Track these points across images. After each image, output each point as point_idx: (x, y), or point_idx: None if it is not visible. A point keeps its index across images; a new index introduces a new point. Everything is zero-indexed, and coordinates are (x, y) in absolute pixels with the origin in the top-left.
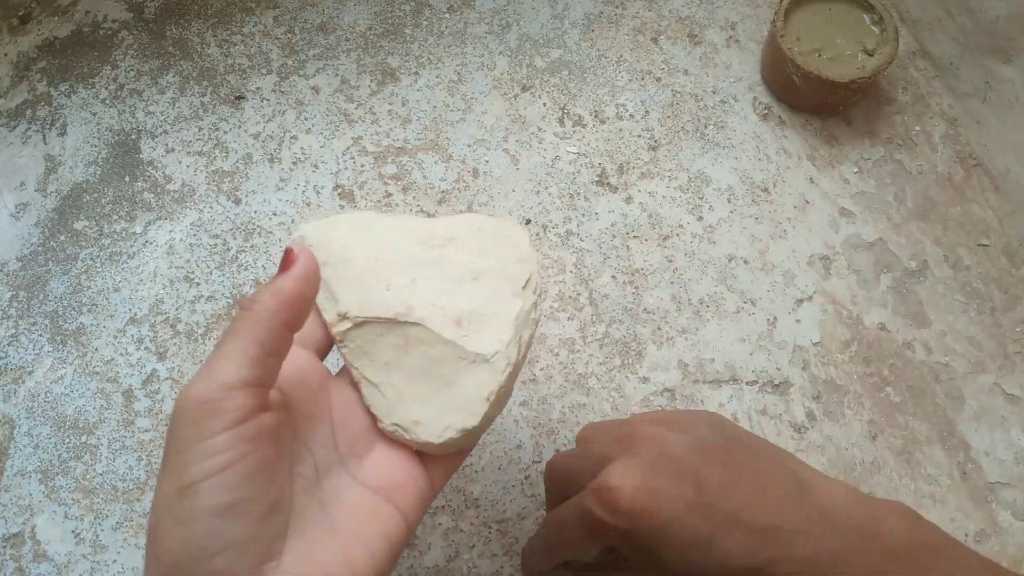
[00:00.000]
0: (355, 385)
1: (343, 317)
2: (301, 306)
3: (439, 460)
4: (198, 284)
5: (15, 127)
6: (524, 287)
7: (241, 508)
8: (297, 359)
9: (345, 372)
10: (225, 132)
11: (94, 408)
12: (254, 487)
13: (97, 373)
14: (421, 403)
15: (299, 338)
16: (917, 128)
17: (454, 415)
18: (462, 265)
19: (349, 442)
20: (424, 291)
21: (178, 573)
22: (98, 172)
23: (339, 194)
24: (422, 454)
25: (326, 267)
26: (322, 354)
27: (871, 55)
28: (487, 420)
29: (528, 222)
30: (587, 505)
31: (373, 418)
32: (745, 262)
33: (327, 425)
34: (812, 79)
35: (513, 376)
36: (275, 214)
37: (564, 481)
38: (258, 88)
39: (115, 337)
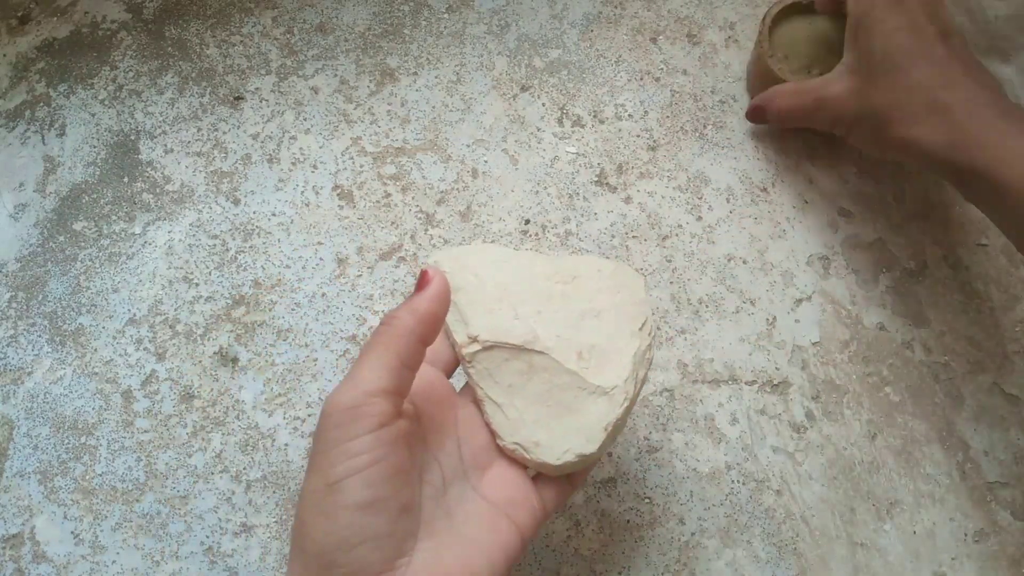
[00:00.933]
0: (478, 403)
1: (473, 340)
2: (434, 323)
3: (552, 485)
4: (197, 285)
5: (14, 128)
6: (640, 328)
7: (380, 505)
8: (427, 375)
9: (468, 390)
10: (224, 133)
11: (93, 409)
12: (391, 487)
13: (96, 374)
14: (542, 426)
15: (428, 356)
16: None
17: (573, 440)
18: (584, 302)
19: (472, 456)
20: (549, 323)
21: (322, 562)
22: (97, 173)
23: (338, 194)
24: (537, 476)
25: (458, 292)
26: (448, 373)
27: None
28: (603, 449)
29: (527, 222)
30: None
31: (493, 436)
32: (744, 262)
33: (454, 438)
34: None
35: (628, 410)
36: (274, 214)
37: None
38: (257, 88)
39: (114, 338)
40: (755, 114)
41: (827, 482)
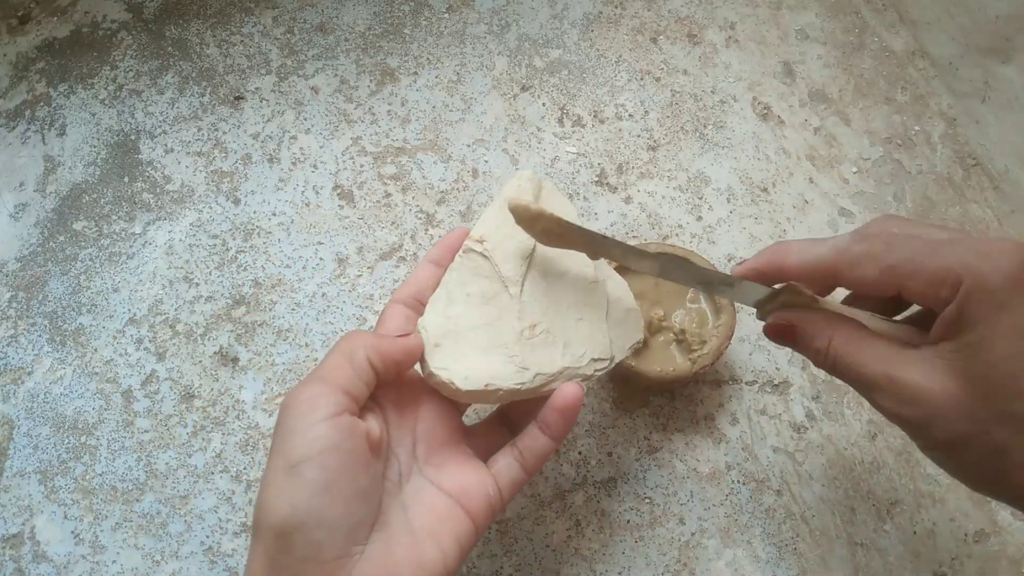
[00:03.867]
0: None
1: (479, 240)
2: (392, 368)
3: (504, 477)
4: (197, 284)
5: (14, 127)
6: (600, 357)
7: (336, 489)
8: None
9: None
10: (224, 132)
11: (93, 408)
12: (348, 473)
13: (96, 373)
14: (464, 346)
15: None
16: (916, 128)
17: (471, 373)
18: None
19: (429, 451)
20: (545, 294)
21: (280, 544)
22: (97, 172)
23: (338, 194)
24: (493, 462)
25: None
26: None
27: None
28: (470, 397)
29: None
30: (954, 251)
31: (455, 410)
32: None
33: (410, 434)
34: (644, 377)
35: (534, 391)
36: (274, 214)
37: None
38: (257, 88)
39: (114, 337)
40: (779, 334)
41: (827, 482)
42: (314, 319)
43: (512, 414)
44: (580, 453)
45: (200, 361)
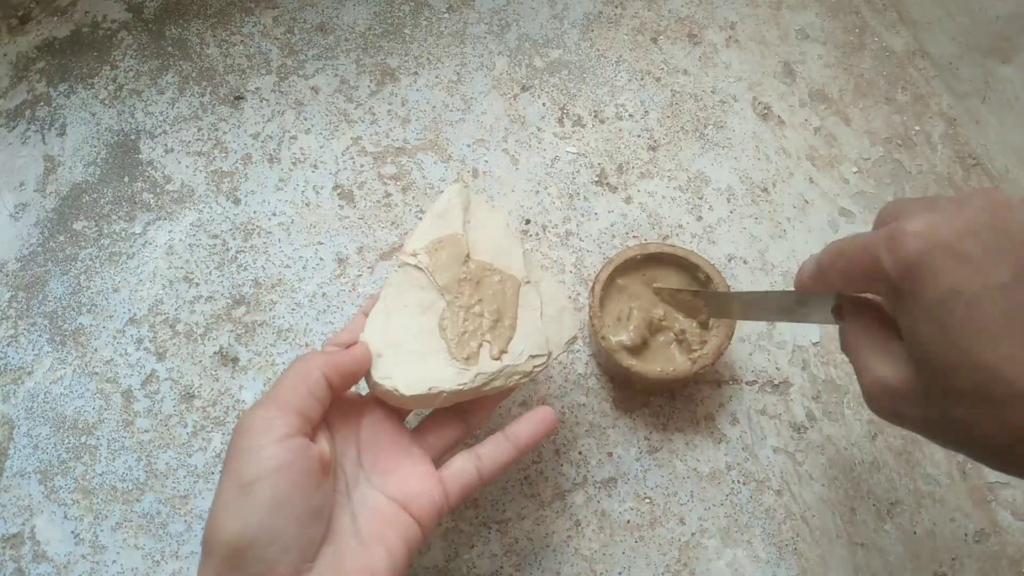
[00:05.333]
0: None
1: (413, 254)
2: (347, 379)
3: (456, 480)
4: (197, 284)
5: (14, 127)
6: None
7: (288, 508)
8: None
9: (373, 397)
10: (224, 132)
11: (93, 408)
12: (300, 492)
13: (96, 373)
14: (405, 353)
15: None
16: (916, 128)
17: (406, 378)
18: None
19: (374, 459)
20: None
21: (232, 563)
22: (97, 172)
23: (338, 194)
24: (444, 469)
25: (441, 217)
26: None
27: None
28: (412, 402)
29: (528, 222)
30: (872, 242)
31: (395, 415)
32: (744, 262)
33: (354, 445)
34: (646, 379)
35: (469, 393)
36: (274, 214)
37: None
38: (257, 88)
39: (114, 337)
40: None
41: (827, 482)
42: (314, 319)
43: (464, 404)
44: (580, 453)
45: (200, 361)
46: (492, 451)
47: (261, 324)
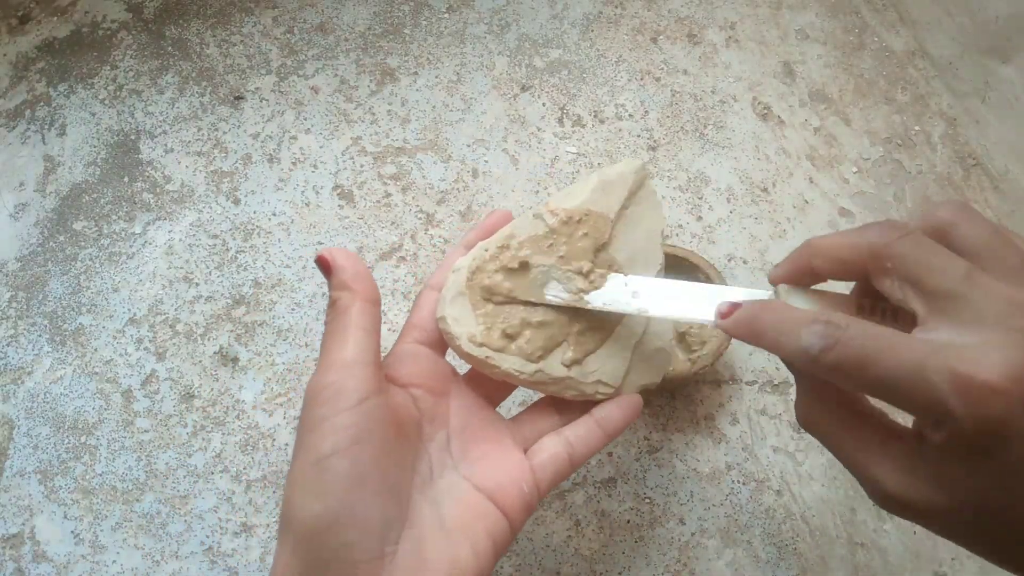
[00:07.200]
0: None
1: (553, 212)
2: (363, 277)
3: (547, 468)
4: (197, 284)
5: (14, 127)
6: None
7: (368, 483)
8: (423, 362)
9: (468, 377)
10: (224, 132)
11: (93, 408)
12: (379, 466)
13: (96, 373)
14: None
15: (424, 336)
16: (916, 128)
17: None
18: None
19: (463, 446)
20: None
21: (311, 544)
22: (97, 172)
23: (338, 194)
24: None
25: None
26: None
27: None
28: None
29: None
30: (931, 377)
31: (488, 403)
32: (744, 262)
33: (444, 428)
34: None
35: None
36: (274, 214)
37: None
38: (257, 88)
39: (114, 337)
40: None
41: (827, 482)
42: (314, 319)
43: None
44: None
45: (200, 361)
46: (584, 435)
47: (261, 324)
